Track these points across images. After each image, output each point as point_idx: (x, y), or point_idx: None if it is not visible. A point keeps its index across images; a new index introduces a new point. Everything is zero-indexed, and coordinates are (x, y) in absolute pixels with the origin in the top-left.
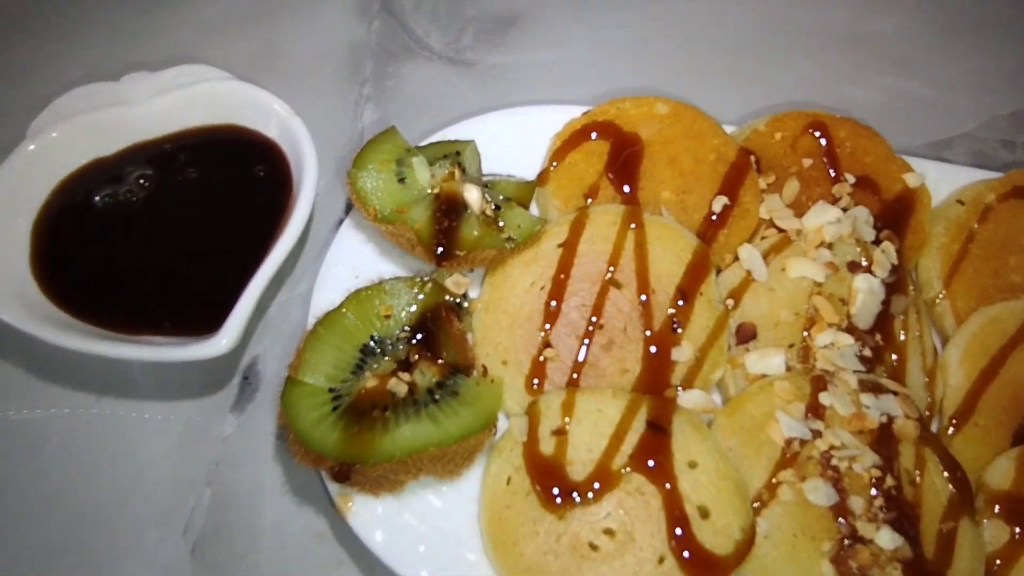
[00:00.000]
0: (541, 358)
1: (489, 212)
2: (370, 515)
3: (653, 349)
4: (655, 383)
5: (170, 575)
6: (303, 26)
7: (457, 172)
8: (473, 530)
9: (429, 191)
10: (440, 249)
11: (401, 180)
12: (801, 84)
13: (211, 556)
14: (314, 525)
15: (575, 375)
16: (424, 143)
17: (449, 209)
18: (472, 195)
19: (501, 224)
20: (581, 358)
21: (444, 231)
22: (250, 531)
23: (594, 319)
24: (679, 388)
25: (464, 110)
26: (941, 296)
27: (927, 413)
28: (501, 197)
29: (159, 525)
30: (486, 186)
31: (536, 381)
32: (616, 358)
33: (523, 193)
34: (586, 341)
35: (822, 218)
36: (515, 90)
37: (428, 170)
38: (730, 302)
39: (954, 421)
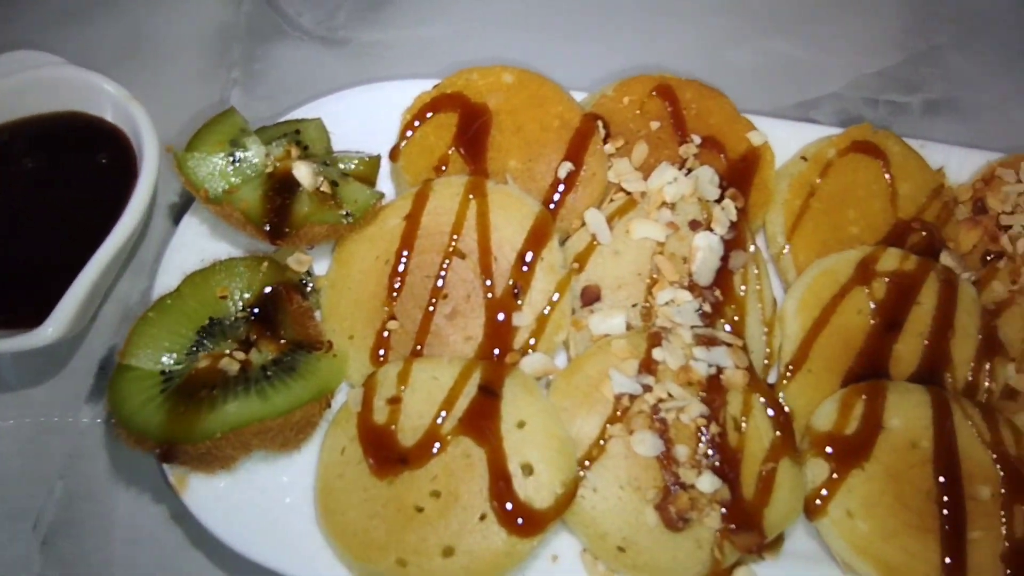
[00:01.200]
0: (385, 331)
1: (325, 189)
2: (209, 493)
3: (496, 316)
4: (497, 348)
5: (19, 570)
6: (170, 10)
7: (295, 150)
8: (312, 502)
9: (263, 170)
10: (268, 227)
11: (235, 161)
12: (679, 49)
13: (62, 549)
14: (172, 507)
15: (419, 346)
16: (272, 124)
17: (282, 187)
18: (301, 172)
19: (339, 200)
20: (425, 328)
21: (276, 209)
22: (103, 521)
23: (439, 288)
24: (528, 351)
25: (336, 89)
26: (785, 250)
27: (766, 362)
28: (340, 173)
29: (11, 520)
30: (326, 163)
31: (381, 353)
32: (460, 326)
33: (367, 169)
34: (430, 311)
35: (663, 179)
36: (389, 67)
37: (263, 149)
38: (576, 266)
39: (790, 369)
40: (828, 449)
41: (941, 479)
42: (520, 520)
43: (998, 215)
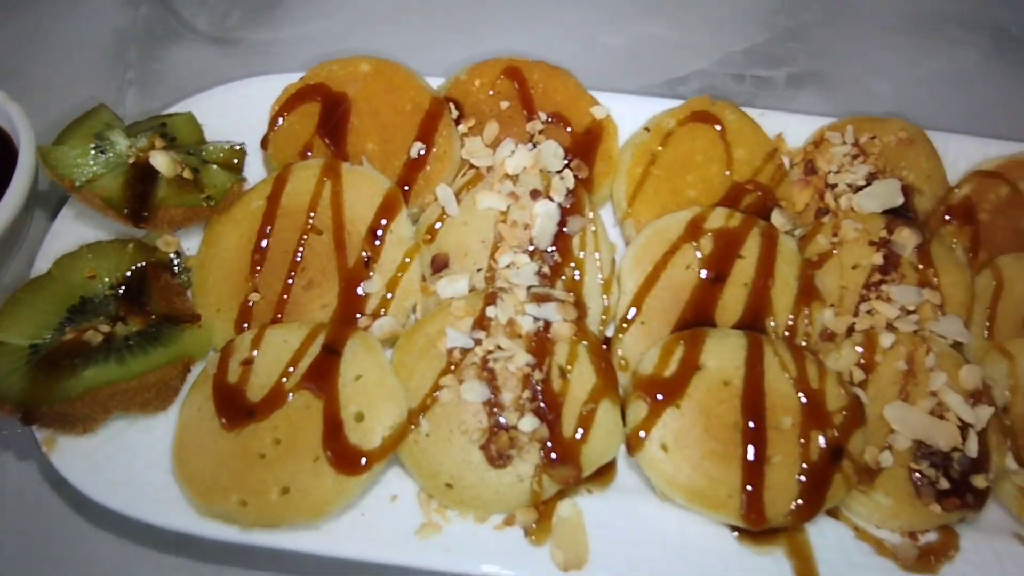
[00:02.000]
0: (249, 303)
1: (187, 175)
2: (76, 453)
3: (349, 285)
4: (350, 314)
5: None
6: (68, 14)
7: (159, 142)
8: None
9: (126, 160)
10: (127, 211)
11: (98, 152)
12: (555, 34)
13: None
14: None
15: (278, 315)
16: (145, 119)
17: (143, 175)
18: (158, 160)
19: (201, 185)
20: (283, 299)
21: (137, 195)
22: None
23: (296, 262)
24: (379, 315)
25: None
26: (628, 214)
27: (604, 317)
28: (202, 161)
29: None
30: (191, 153)
31: (245, 323)
32: (316, 296)
33: (231, 156)
34: (288, 283)
35: (504, 154)
36: (276, 63)
37: (126, 142)
38: (428, 237)
39: (626, 321)
40: (648, 390)
41: (747, 412)
42: (348, 460)
43: (826, 175)
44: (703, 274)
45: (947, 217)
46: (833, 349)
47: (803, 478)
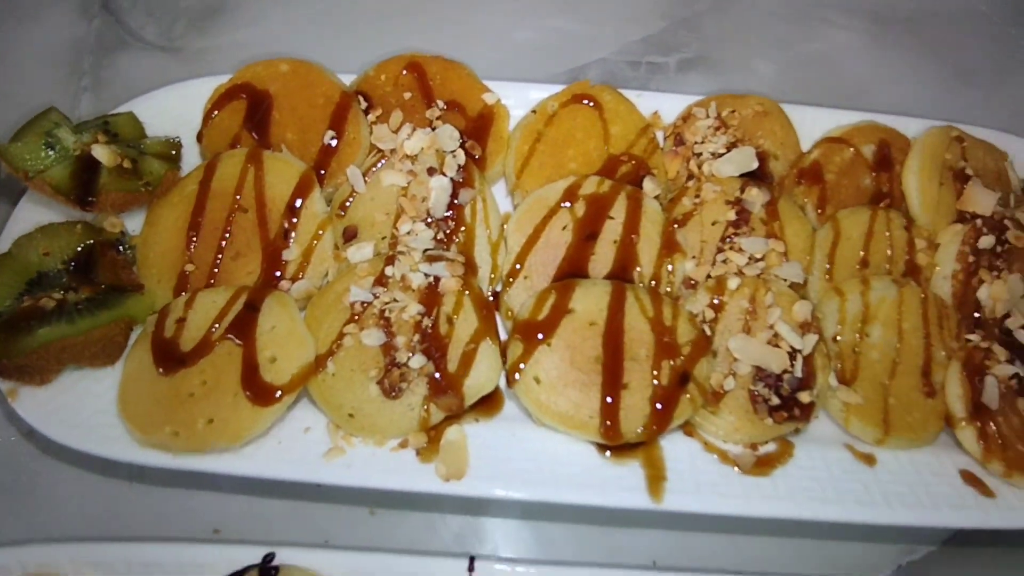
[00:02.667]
0: (185, 272)
1: (127, 165)
2: (36, 401)
3: (270, 254)
4: (271, 278)
5: None
6: (26, 26)
7: (102, 137)
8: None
9: (72, 153)
10: (73, 196)
11: (48, 147)
12: (469, 33)
13: None
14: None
15: (211, 281)
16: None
17: (88, 166)
18: (99, 152)
19: (140, 173)
20: (213, 268)
21: (82, 183)
22: None
23: (225, 236)
24: (297, 279)
25: None
26: (516, 185)
27: (493, 275)
28: (140, 153)
29: None
30: (130, 146)
31: (183, 291)
32: (242, 265)
33: (167, 148)
34: (218, 255)
35: (402, 137)
36: (217, 66)
37: (71, 137)
38: (341, 212)
39: (511, 277)
40: (523, 332)
41: (607, 347)
42: (261, 395)
43: (692, 145)
44: (577, 234)
45: (799, 179)
46: (694, 294)
47: (653, 400)
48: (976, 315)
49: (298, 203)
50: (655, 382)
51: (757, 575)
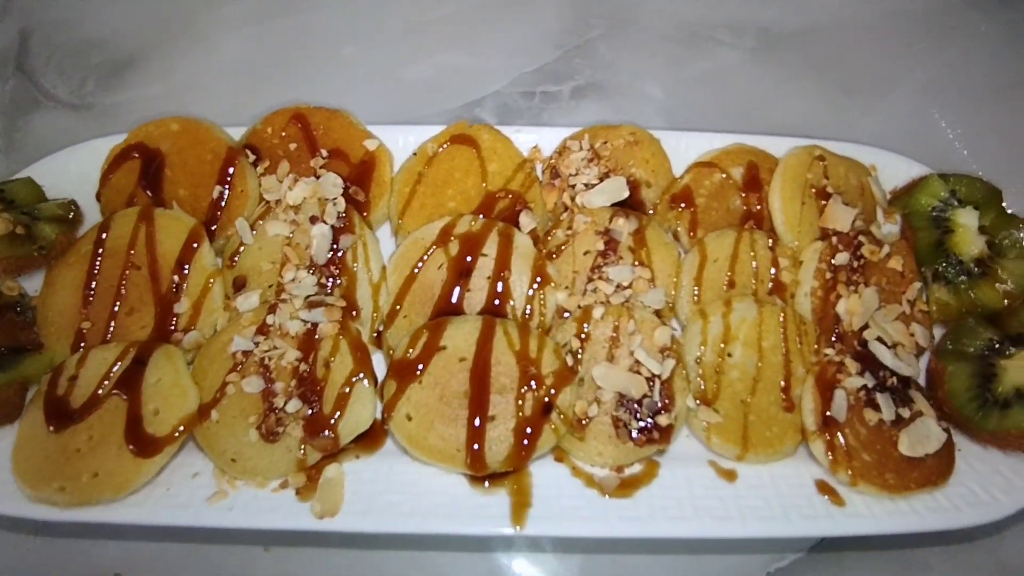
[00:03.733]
0: (83, 330)
1: (20, 231)
2: None
3: (161, 308)
4: (164, 332)
5: None
6: None
7: None
8: None
9: None
10: None
11: None
12: (364, 75)
13: None
14: None
15: (108, 337)
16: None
17: None
18: None
19: (34, 237)
20: (108, 325)
21: None
22: None
23: (120, 293)
24: (189, 330)
25: None
26: (399, 227)
27: (375, 316)
28: (32, 218)
29: None
30: (24, 212)
31: (81, 347)
32: (137, 319)
33: (65, 211)
34: (114, 311)
35: (285, 188)
36: (125, 122)
37: None
38: (231, 263)
39: (391, 318)
40: (397, 371)
41: (473, 381)
42: (144, 447)
43: (568, 178)
44: (451, 272)
45: (671, 204)
46: (565, 322)
47: (517, 430)
48: (836, 329)
49: (187, 257)
50: (520, 413)
51: None
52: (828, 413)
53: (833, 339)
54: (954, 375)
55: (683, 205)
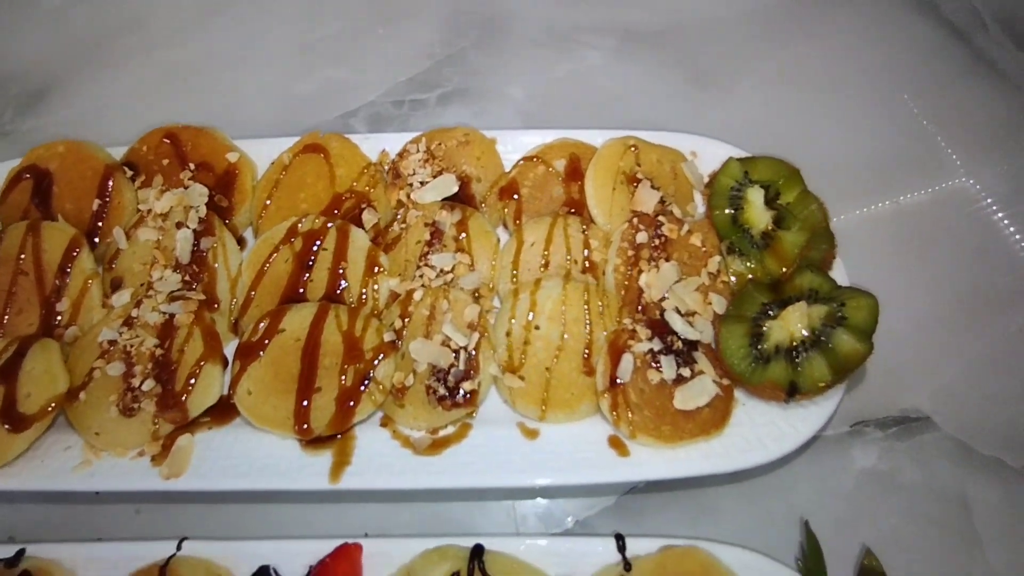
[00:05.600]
0: None
1: None
2: None
3: (44, 308)
4: (48, 328)
5: None
6: None
7: None
8: None
9: None
10: None
11: None
12: (255, 92)
13: None
14: None
15: (0, 334)
16: None
17: None
18: None
19: None
20: (3, 324)
21: None
22: None
23: (12, 296)
24: (70, 326)
25: None
26: (258, 228)
27: (233, 307)
28: None
29: None
30: None
31: None
32: (25, 319)
33: None
34: (5, 313)
35: (153, 198)
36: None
37: None
38: (112, 266)
39: (245, 306)
40: (241, 352)
41: (304, 359)
42: (16, 424)
43: (407, 177)
44: (295, 265)
45: (499, 196)
46: (388, 307)
47: (340, 399)
48: (640, 302)
49: (68, 263)
50: (342, 384)
51: (458, 535)
52: (616, 374)
53: (638, 310)
54: (727, 336)
55: (509, 196)
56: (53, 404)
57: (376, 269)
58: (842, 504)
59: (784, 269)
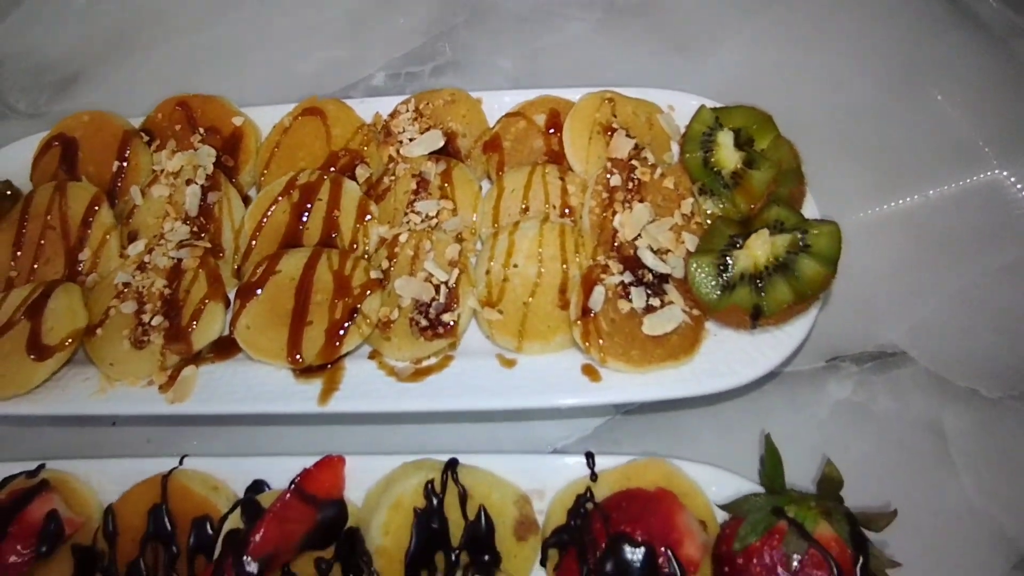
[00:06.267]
0: (11, 277)
1: None
2: None
3: (69, 256)
4: (73, 274)
5: None
6: None
7: None
8: None
9: None
10: None
11: None
12: (263, 69)
13: None
14: None
15: (30, 280)
16: None
17: None
18: None
19: None
20: (32, 273)
21: None
22: None
23: (41, 248)
24: (90, 273)
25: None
26: (261, 184)
27: (236, 255)
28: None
29: None
30: None
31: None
32: (52, 267)
33: (3, 188)
34: (35, 262)
35: (164, 158)
36: None
37: None
38: (129, 220)
39: (248, 253)
40: (242, 291)
41: (297, 295)
42: (39, 353)
43: (397, 135)
44: (293, 215)
45: (484, 150)
46: (379, 249)
47: (329, 331)
48: (615, 241)
49: (90, 217)
50: (331, 318)
51: (437, 453)
52: (587, 304)
53: (613, 249)
54: (695, 267)
55: (492, 149)
56: (73, 338)
57: (367, 217)
58: (815, 432)
59: (752, 205)
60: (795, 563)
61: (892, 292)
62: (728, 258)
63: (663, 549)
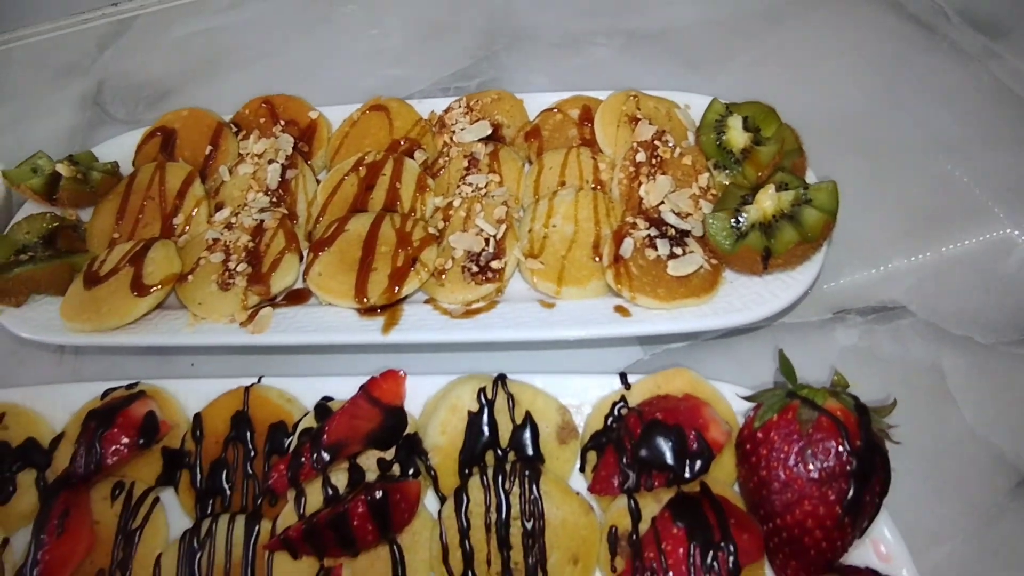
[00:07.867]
0: (115, 238)
1: (80, 176)
2: (12, 315)
3: (166, 222)
4: (168, 235)
5: None
6: (45, 121)
7: (67, 162)
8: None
9: (47, 172)
10: (43, 197)
11: (34, 170)
12: (331, 84)
13: None
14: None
15: (133, 239)
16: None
17: (55, 179)
18: (61, 168)
19: (90, 183)
20: (134, 234)
21: (50, 189)
22: None
23: (140, 214)
24: (182, 235)
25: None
26: (331, 165)
27: (308, 222)
28: (89, 170)
29: None
30: (83, 167)
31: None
32: (151, 230)
33: (108, 168)
34: (136, 226)
35: (251, 144)
36: None
37: (47, 164)
38: (216, 195)
39: (319, 219)
40: (316, 244)
41: (364, 248)
42: (141, 290)
43: (451, 127)
44: (360, 187)
45: (525, 138)
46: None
47: (391, 276)
48: (641, 206)
49: (183, 190)
50: (393, 265)
51: (514, 373)
52: (619, 253)
53: (640, 212)
54: (712, 221)
55: (532, 137)
56: (168, 281)
57: (425, 189)
58: (825, 375)
59: (760, 174)
60: (808, 428)
61: (893, 254)
62: (740, 212)
63: (691, 432)
